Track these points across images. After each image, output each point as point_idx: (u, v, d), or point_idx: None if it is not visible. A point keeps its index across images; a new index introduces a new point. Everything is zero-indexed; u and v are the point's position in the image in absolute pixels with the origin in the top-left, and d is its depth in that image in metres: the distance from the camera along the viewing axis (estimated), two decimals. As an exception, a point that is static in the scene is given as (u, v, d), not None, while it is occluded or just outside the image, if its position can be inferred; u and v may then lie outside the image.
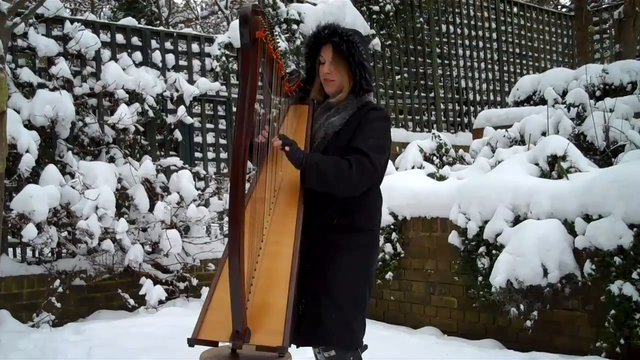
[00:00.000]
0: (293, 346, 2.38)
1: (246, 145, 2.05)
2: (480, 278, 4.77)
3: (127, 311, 5.92)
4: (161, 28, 8.99)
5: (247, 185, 2.41)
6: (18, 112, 5.68)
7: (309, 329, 2.44)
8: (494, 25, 11.39)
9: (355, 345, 2.52)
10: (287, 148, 2.41)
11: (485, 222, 4.74)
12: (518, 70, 11.67)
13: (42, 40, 6.11)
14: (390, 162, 6.24)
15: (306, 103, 2.87)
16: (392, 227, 5.66)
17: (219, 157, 7.57)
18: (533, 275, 4.23)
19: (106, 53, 6.68)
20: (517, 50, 11.80)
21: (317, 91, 2.76)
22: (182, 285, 6.27)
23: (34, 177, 5.64)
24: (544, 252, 4.25)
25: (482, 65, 11.15)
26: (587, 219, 4.23)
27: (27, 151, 5.46)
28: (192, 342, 2.14)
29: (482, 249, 4.75)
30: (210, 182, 7.14)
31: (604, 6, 13.62)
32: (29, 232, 5.19)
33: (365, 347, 2.60)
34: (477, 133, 7.67)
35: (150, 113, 6.67)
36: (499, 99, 11.27)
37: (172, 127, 7.03)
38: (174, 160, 6.75)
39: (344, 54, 2.56)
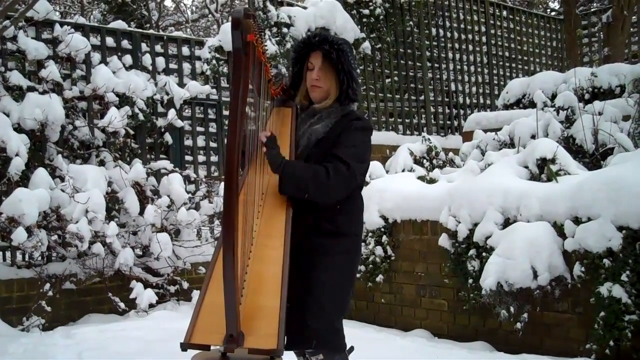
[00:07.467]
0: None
1: (239, 148, 2.05)
2: (470, 280, 4.79)
3: (117, 315, 5.89)
4: (151, 31, 8.96)
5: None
6: (7, 115, 5.65)
7: (295, 332, 2.44)
8: (483, 28, 11.44)
9: (341, 347, 2.53)
10: (266, 149, 2.45)
11: (475, 224, 4.76)
12: (508, 74, 11.71)
13: (32, 44, 6.08)
14: (380, 165, 6.32)
15: (289, 105, 2.90)
16: (382, 229, 5.67)
17: (210, 160, 7.55)
18: (523, 277, 4.26)
19: (96, 56, 6.65)
20: (507, 54, 11.84)
21: (303, 96, 2.78)
22: (172, 288, 6.25)
23: (24, 180, 5.61)
24: (533, 254, 4.27)
25: (472, 68, 11.18)
26: (577, 221, 4.26)
27: (17, 154, 5.44)
28: (185, 346, 2.13)
29: (472, 252, 4.77)
30: (200, 186, 7.12)
31: (592, 10, 13.69)
32: (19, 235, 5.17)
33: (352, 348, 2.62)
34: (467, 136, 7.70)
35: (141, 116, 6.67)
36: (488, 102, 11.31)
37: (163, 130, 7.01)
38: (165, 164, 6.73)
39: (333, 62, 2.59)
